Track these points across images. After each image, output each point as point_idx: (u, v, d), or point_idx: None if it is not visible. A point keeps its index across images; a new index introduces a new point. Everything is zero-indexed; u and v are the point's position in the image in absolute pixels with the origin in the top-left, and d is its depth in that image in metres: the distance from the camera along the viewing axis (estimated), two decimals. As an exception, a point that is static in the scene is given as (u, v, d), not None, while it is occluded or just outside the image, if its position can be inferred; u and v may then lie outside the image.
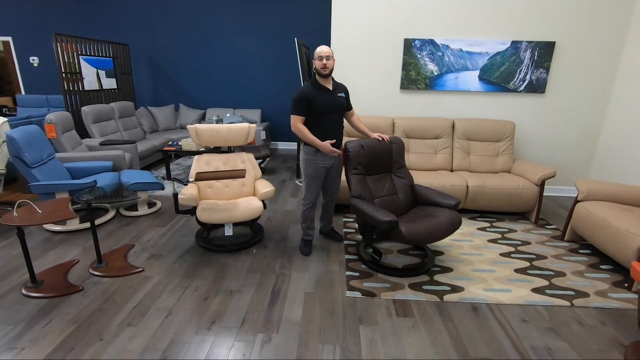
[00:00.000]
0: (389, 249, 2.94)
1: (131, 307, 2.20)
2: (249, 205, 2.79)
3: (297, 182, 4.74)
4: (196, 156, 3.13)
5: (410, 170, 3.07)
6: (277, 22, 6.12)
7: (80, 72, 5.09)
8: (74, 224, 3.20)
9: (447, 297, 2.34)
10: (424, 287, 2.45)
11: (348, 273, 2.60)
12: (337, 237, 3.11)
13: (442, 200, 2.71)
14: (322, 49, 2.47)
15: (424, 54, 4.04)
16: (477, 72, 4.04)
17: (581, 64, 3.94)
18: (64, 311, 2.15)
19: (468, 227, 3.40)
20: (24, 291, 2.31)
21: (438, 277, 2.56)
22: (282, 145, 6.89)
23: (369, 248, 2.84)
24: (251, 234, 3.11)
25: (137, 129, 5.64)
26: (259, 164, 5.05)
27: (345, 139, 3.47)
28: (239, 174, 2.55)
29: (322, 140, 2.56)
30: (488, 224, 3.49)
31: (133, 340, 1.93)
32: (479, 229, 3.38)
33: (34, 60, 6.79)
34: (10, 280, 2.46)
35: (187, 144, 4.53)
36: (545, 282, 2.53)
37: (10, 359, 1.79)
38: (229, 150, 3.22)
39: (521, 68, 3.98)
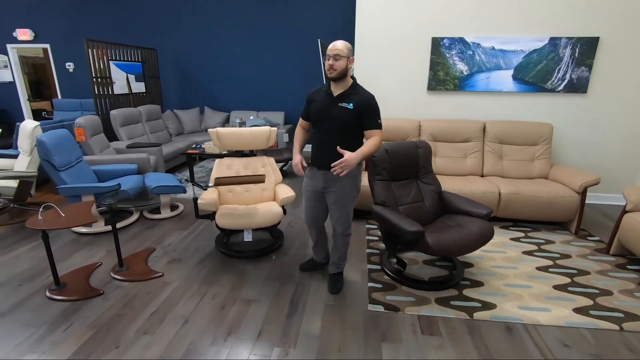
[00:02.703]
0: (414, 259, 2.79)
1: (149, 313, 2.17)
2: (268, 211, 2.72)
3: (319, 185, 4.64)
4: (217, 160, 3.10)
5: (437, 175, 2.90)
6: (301, 24, 6.07)
7: (110, 77, 5.24)
8: (100, 226, 3.25)
9: (477, 315, 2.16)
10: (452, 302, 2.28)
11: (370, 284, 2.48)
12: (332, 287, 2.41)
13: (472, 209, 2.53)
14: (331, 46, 1.96)
15: (453, 53, 3.84)
16: (511, 72, 3.80)
17: (628, 60, 3.61)
18: (84, 315, 2.16)
19: (500, 237, 3.18)
20: (47, 293, 2.35)
21: (468, 292, 2.39)
22: (307, 148, 6.82)
23: (393, 258, 2.70)
24: (271, 240, 3.05)
25: (164, 131, 5.75)
26: (281, 167, 5.00)
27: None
28: (258, 180, 2.48)
29: (314, 153, 2.23)
30: (522, 234, 3.25)
31: (149, 349, 1.89)
32: (512, 239, 3.16)
33: (70, 66, 7.09)
34: (37, 282, 2.50)
35: (210, 146, 4.55)
36: (589, 302, 2.30)
37: (30, 364, 1.80)
38: (252, 153, 3.17)
39: (560, 66, 3.70)
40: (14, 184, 3.40)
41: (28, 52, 7.89)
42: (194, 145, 4.87)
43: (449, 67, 3.88)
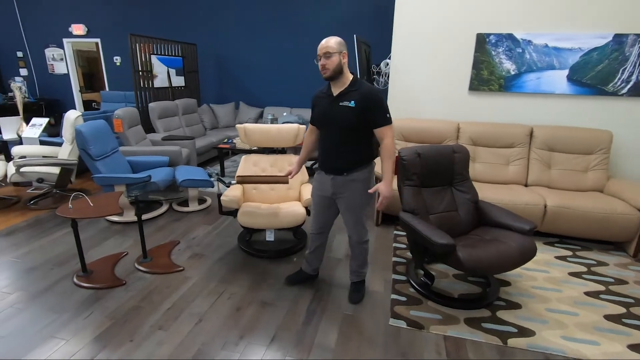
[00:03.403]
0: (443, 272, 2.59)
1: (165, 308, 2.17)
2: (291, 212, 2.64)
3: (348, 186, 4.51)
4: (244, 156, 3.07)
5: (475, 183, 2.67)
6: (337, 20, 5.94)
7: (151, 70, 5.41)
8: (130, 216, 3.33)
9: (512, 342, 1.94)
10: (484, 324, 2.07)
11: (394, 296, 2.32)
12: (352, 296, 2.28)
13: (512, 222, 2.29)
14: (320, 44, 1.86)
15: (500, 50, 3.54)
16: (566, 72, 3.43)
17: None
18: (104, 305, 2.19)
19: (543, 255, 2.88)
20: (75, 279, 2.42)
21: (502, 314, 2.16)
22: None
23: (420, 269, 2.52)
24: (294, 241, 2.97)
25: (199, 125, 5.86)
26: (310, 166, 4.91)
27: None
28: (281, 181, 2.40)
29: (321, 157, 2.08)
30: (570, 253, 2.93)
31: (161, 346, 1.87)
32: (557, 257, 2.85)
33: (117, 60, 7.44)
34: (67, 267, 2.59)
35: (241, 142, 4.55)
36: (648, 338, 2.00)
37: (48, 351, 1.84)
38: (283, 150, 3.11)
39: (625, 67, 3.29)
40: (56, 170, 3.58)
41: (83, 46, 8.38)
42: (225, 140, 4.91)
43: (494, 65, 3.59)
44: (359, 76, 3.99)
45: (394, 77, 3.88)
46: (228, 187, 2.70)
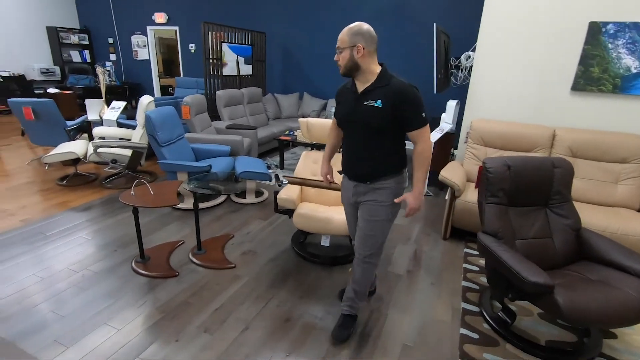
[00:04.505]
0: (526, 308, 2.17)
1: (213, 308, 2.08)
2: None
3: (412, 190, 4.14)
4: (304, 152, 2.90)
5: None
6: (415, 7, 5.47)
7: (221, 58, 5.48)
8: (190, 203, 3.36)
9: (621, 418, 1.52)
10: (581, 387, 1.67)
11: (463, 331, 1.98)
12: (337, 330, 1.90)
13: (629, 262, 1.81)
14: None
15: (620, 43, 2.89)
16: None
17: None
18: (157, 296, 2.17)
19: (661, 301, 2.30)
20: (133, 265, 2.46)
21: (606, 376, 1.73)
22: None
23: (498, 302, 2.14)
24: (350, 248, 2.74)
25: (262, 114, 5.85)
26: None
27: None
28: (333, 188, 2.15)
29: (343, 161, 1.81)
30: (698, 303, 2.30)
31: (205, 351, 1.78)
32: (681, 307, 2.25)
33: (192, 47, 7.75)
34: (128, 250, 2.66)
35: (301, 135, 4.41)
36: None
37: (100, 339, 1.84)
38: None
39: None
40: (128, 153, 3.75)
41: (164, 33, 8.89)
42: (287, 132, 4.80)
43: (609, 61, 2.95)
44: (437, 71, 3.59)
45: (477, 71, 3.41)
46: (281, 186, 2.56)
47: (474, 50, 3.91)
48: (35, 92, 7.65)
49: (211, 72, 5.31)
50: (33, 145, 5.26)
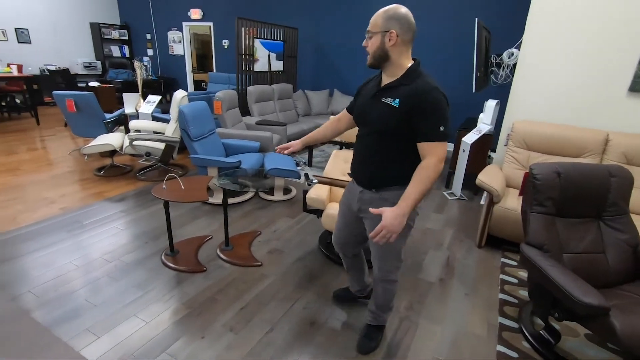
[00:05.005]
0: (571, 328, 2.00)
1: (239, 307, 2.06)
2: (381, 221, 2.31)
3: (445, 193, 3.98)
4: (335, 151, 2.83)
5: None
6: (455, 1, 5.24)
7: (253, 54, 5.50)
8: (219, 198, 3.38)
9: None
10: (636, 421, 1.50)
11: (500, 348, 1.85)
12: (361, 342, 1.82)
13: (699, 286, 1.61)
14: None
15: (689, 39, 2.60)
16: None
17: None
18: (184, 290, 2.18)
19: None
20: (162, 257, 2.49)
21: (665, 412, 1.54)
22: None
23: (540, 319, 1.98)
24: (379, 252, 2.65)
25: (292, 111, 5.83)
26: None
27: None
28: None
29: (352, 162, 1.63)
30: None
31: (229, 350, 1.76)
32: None
33: (225, 43, 7.85)
34: (159, 243, 2.70)
35: (332, 132, 4.33)
36: None
37: (129, 331, 1.87)
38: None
39: None
40: (161, 146, 3.82)
41: (198, 29, 9.07)
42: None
43: (675, 60, 2.67)
44: (476, 68, 3.40)
45: (522, 69, 3.19)
46: (310, 185, 2.50)
47: (517, 47, 3.68)
48: (78, 85, 8.03)
49: (243, 68, 5.34)
50: (74, 136, 5.51)
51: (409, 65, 1.40)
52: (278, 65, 6.17)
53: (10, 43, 7.35)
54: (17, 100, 6.84)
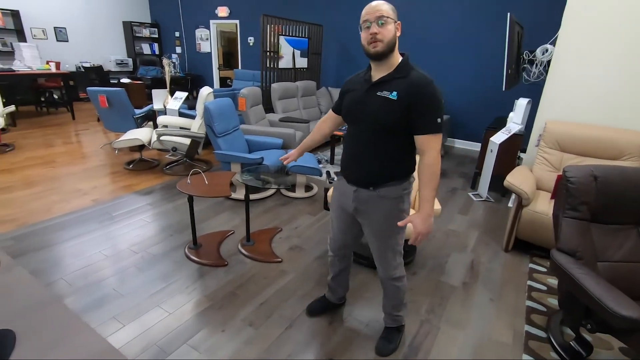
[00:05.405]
0: (604, 340, 1.90)
1: (259, 302, 2.08)
2: (404, 222, 2.27)
3: (470, 194, 3.87)
4: (357, 149, 2.79)
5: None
6: (486, -4, 5.06)
7: (278, 51, 5.53)
8: (242, 194, 3.42)
9: None
10: None
11: (526, 357, 1.78)
12: (380, 344, 1.80)
13: None
14: (370, 7, 1.34)
15: None
16: None
17: None
18: (206, 283, 2.23)
19: None
20: (186, 251, 2.55)
21: None
22: (460, 144, 5.92)
23: (570, 329, 1.89)
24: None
25: (315, 108, 5.82)
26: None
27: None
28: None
29: (343, 161, 1.60)
30: None
31: (248, 345, 1.78)
32: None
33: (251, 40, 7.93)
34: (183, 236, 2.77)
35: (355, 130, 4.30)
36: None
37: (153, 321, 1.92)
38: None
39: None
40: (187, 141, 3.91)
41: (225, 27, 9.22)
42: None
43: None
44: (507, 65, 3.27)
45: (557, 66, 3.04)
46: (331, 183, 2.48)
47: (552, 43, 3.50)
48: (111, 81, 8.36)
49: (268, 65, 5.38)
50: (106, 130, 5.73)
51: (400, 59, 1.42)
52: (302, 62, 6.18)
53: (49, 41, 7.73)
54: (55, 96, 7.19)
